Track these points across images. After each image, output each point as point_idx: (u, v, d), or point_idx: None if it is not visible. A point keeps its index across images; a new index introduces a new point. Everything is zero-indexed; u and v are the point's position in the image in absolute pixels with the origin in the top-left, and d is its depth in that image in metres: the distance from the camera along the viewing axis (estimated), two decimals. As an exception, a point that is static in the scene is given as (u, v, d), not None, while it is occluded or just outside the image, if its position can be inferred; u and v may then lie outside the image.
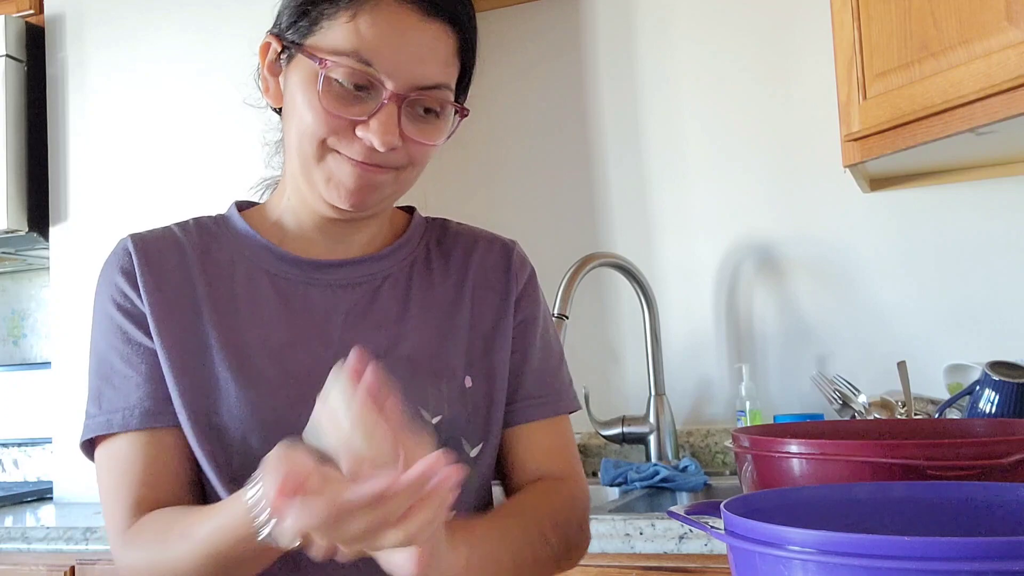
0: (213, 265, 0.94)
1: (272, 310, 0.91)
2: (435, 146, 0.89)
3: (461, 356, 0.94)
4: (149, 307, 0.90)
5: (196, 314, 0.91)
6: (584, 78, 2.26)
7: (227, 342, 0.89)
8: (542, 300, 1.03)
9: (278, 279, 0.93)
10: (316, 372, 0.85)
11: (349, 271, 0.94)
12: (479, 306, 0.97)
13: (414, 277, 0.97)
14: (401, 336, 0.92)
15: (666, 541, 1.39)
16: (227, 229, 0.96)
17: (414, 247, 0.99)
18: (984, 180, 1.92)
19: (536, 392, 0.98)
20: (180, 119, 2.04)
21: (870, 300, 2.00)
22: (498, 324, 0.97)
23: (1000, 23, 1.36)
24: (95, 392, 0.91)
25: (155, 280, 0.91)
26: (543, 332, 1.01)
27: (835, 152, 1.75)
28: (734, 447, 0.90)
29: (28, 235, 2.17)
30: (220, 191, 1.97)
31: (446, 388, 0.91)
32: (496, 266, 1.00)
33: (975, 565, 0.47)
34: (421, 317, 0.94)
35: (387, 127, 0.83)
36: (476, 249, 1.01)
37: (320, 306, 0.92)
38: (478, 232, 1.04)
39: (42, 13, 2.20)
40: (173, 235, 0.96)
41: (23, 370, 2.57)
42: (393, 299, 0.95)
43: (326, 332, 0.91)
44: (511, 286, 0.99)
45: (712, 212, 2.13)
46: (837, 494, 0.69)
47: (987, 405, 1.47)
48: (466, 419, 0.92)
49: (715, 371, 2.11)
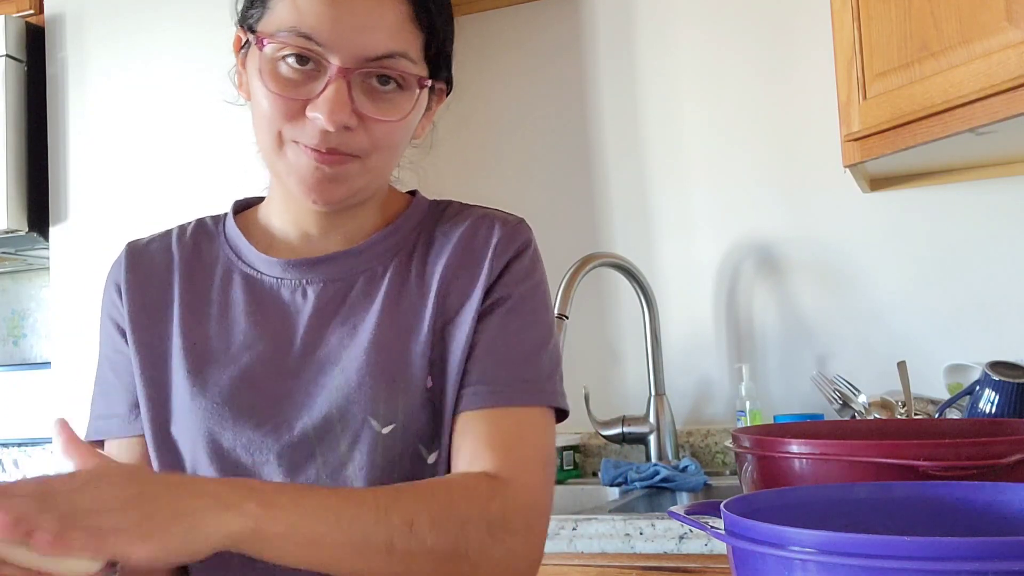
0: (197, 269, 0.93)
1: (239, 312, 0.89)
2: (397, 123, 0.82)
3: (424, 355, 0.86)
4: (128, 315, 0.91)
5: (168, 320, 0.90)
6: (584, 78, 2.26)
7: (189, 348, 0.88)
8: (529, 282, 0.90)
9: (251, 280, 0.91)
10: (270, 379, 0.86)
11: (324, 268, 0.89)
12: (452, 295, 0.88)
13: (392, 270, 0.90)
14: (361, 337, 0.86)
15: (666, 541, 1.39)
16: (220, 230, 0.96)
17: (404, 236, 0.92)
18: (984, 180, 1.92)
19: (481, 379, 0.85)
20: (180, 119, 2.04)
21: (870, 300, 2.00)
22: (461, 311, 0.87)
23: (1000, 23, 1.36)
24: (92, 397, 0.94)
25: (138, 288, 0.92)
26: (512, 314, 0.88)
27: (835, 152, 1.75)
28: (734, 447, 0.90)
29: (28, 235, 2.17)
30: (220, 191, 1.97)
31: (402, 393, 0.85)
32: (478, 247, 0.90)
33: (975, 565, 0.47)
34: (388, 314, 0.87)
35: (334, 104, 0.78)
36: (463, 230, 0.91)
37: (289, 307, 0.89)
38: (477, 211, 0.94)
39: (42, 13, 2.20)
40: (168, 239, 0.96)
41: (23, 370, 2.57)
42: (364, 296, 0.88)
43: (288, 335, 0.87)
44: (487, 267, 0.88)
45: (712, 212, 2.13)
46: (837, 494, 0.69)
47: (987, 405, 1.47)
48: (425, 423, 0.86)
49: (715, 371, 2.11)
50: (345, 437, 0.84)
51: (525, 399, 0.86)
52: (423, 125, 0.92)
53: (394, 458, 0.84)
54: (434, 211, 0.95)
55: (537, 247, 0.94)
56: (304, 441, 0.84)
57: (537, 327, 0.90)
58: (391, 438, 0.84)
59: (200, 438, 0.86)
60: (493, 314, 0.88)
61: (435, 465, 0.86)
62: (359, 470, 0.84)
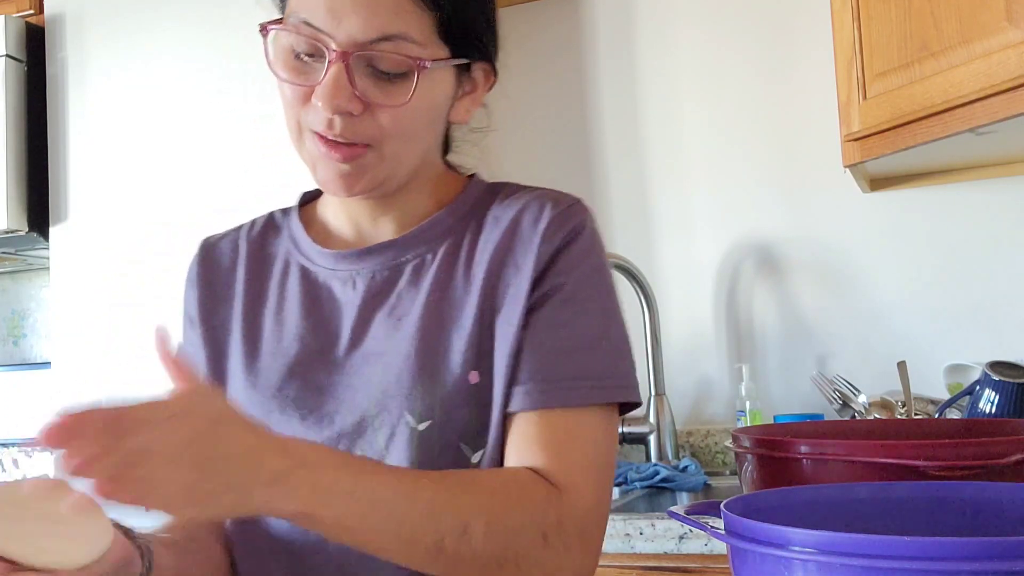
0: (260, 262, 0.93)
1: (293, 305, 0.89)
2: (402, 108, 0.78)
3: (467, 349, 0.82)
4: (196, 309, 0.92)
5: (230, 314, 0.91)
6: (584, 78, 2.26)
7: (246, 341, 0.89)
8: (583, 269, 0.85)
9: (307, 272, 0.90)
10: (316, 373, 0.85)
11: (371, 259, 0.88)
12: (499, 285, 0.84)
13: (440, 258, 0.86)
14: (406, 330, 0.84)
15: (666, 541, 1.39)
16: (285, 223, 0.96)
17: (455, 221, 0.88)
18: (984, 180, 1.92)
19: (531, 377, 0.81)
20: (180, 119, 2.04)
21: (870, 300, 2.00)
22: (509, 303, 0.83)
23: (1000, 23, 1.36)
24: None
25: (206, 282, 0.93)
26: (565, 305, 0.83)
27: (835, 152, 1.75)
28: (734, 447, 0.90)
29: (28, 235, 2.18)
30: (220, 191, 1.98)
31: (441, 388, 0.81)
32: (526, 233, 0.85)
33: (975, 565, 0.47)
34: (433, 306, 0.84)
35: (331, 88, 0.76)
36: (514, 215, 0.87)
37: (340, 300, 0.88)
38: (531, 193, 0.89)
39: (42, 13, 2.20)
40: (238, 233, 0.96)
41: (23, 370, 2.57)
42: (411, 286, 0.86)
43: (336, 328, 0.87)
44: (535, 255, 0.83)
45: (712, 212, 2.13)
46: (837, 494, 0.69)
47: (987, 405, 1.47)
48: (468, 420, 0.82)
49: (715, 371, 2.11)
50: (382, 432, 0.82)
51: (579, 398, 0.81)
52: (465, 108, 0.89)
53: (432, 455, 0.81)
54: (489, 194, 0.91)
55: (595, 229, 0.88)
56: (343, 436, 0.83)
57: (593, 316, 0.84)
58: (428, 434, 0.81)
59: None
60: (544, 306, 0.83)
61: (479, 464, 0.82)
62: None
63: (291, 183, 0.97)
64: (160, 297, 1.99)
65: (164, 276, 2.00)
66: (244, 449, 0.65)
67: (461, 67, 0.85)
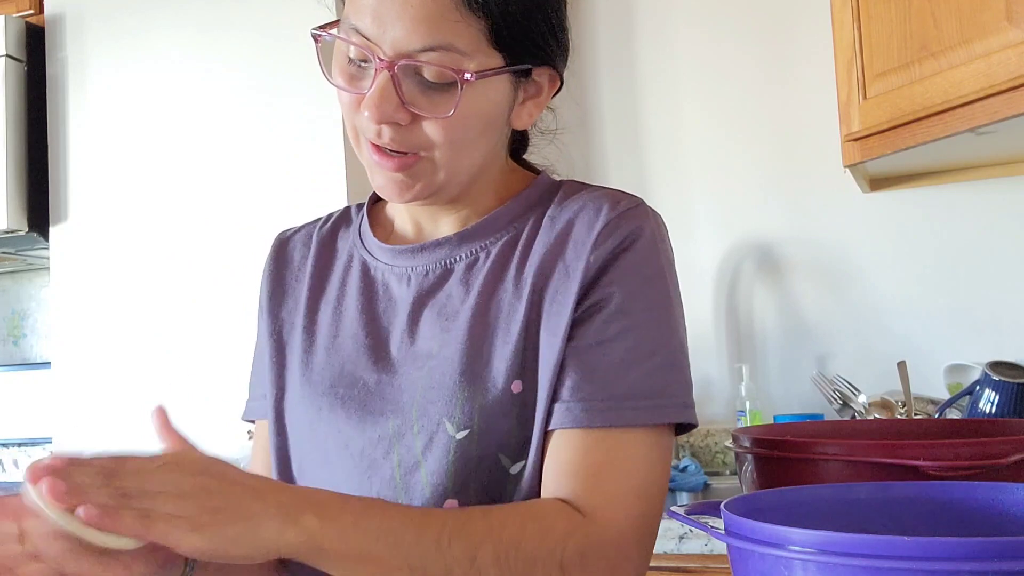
0: (328, 256, 0.93)
1: (352, 300, 0.88)
2: (448, 119, 0.76)
3: (511, 357, 0.79)
4: (268, 302, 0.93)
5: (296, 307, 0.92)
6: (584, 78, 2.26)
7: (306, 336, 0.89)
8: (637, 279, 0.80)
9: (367, 268, 0.90)
10: (365, 371, 0.85)
11: (425, 256, 0.86)
12: (548, 293, 0.80)
13: (493, 258, 0.84)
14: (453, 333, 0.81)
15: (666, 541, 1.39)
16: (356, 217, 0.96)
17: (512, 219, 0.86)
18: (984, 180, 1.92)
19: (573, 395, 0.77)
20: (180, 119, 2.04)
21: (870, 300, 2.00)
22: (555, 313, 0.79)
23: (1000, 23, 1.36)
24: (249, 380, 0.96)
25: (278, 276, 0.94)
26: (614, 319, 0.78)
27: (835, 152, 1.75)
28: (734, 447, 0.90)
29: (28, 235, 2.18)
30: (220, 190, 1.98)
31: (481, 397, 0.78)
32: (579, 237, 0.81)
33: (975, 565, 0.47)
34: (480, 310, 0.81)
35: (376, 98, 0.75)
36: (569, 216, 0.83)
37: (395, 296, 0.87)
38: (591, 193, 0.85)
39: (42, 13, 2.21)
40: (312, 227, 0.97)
41: (23, 370, 2.57)
42: (462, 286, 0.83)
43: (388, 326, 0.86)
44: (585, 262, 0.79)
45: (712, 212, 2.13)
46: (837, 494, 0.69)
47: (987, 405, 1.47)
48: (508, 431, 0.78)
49: (715, 371, 2.11)
50: (420, 438, 0.80)
51: (621, 418, 0.76)
52: (528, 113, 0.86)
53: (470, 466, 0.79)
54: (551, 192, 0.88)
55: (656, 234, 0.84)
56: (384, 438, 0.82)
57: (645, 331, 0.79)
58: (466, 444, 0.78)
59: (304, 426, 0.86)
60: (592, 319, 0.78)
61: (519, 476, 0.79)
62: (430, 475, 0.80)
63: (291, 183, 0.96)
64: (160, 297, 1.99)
65: (164, 276, 2.00)
66: (250, 484, 0.66)
67: (520, 72, 0.81)
